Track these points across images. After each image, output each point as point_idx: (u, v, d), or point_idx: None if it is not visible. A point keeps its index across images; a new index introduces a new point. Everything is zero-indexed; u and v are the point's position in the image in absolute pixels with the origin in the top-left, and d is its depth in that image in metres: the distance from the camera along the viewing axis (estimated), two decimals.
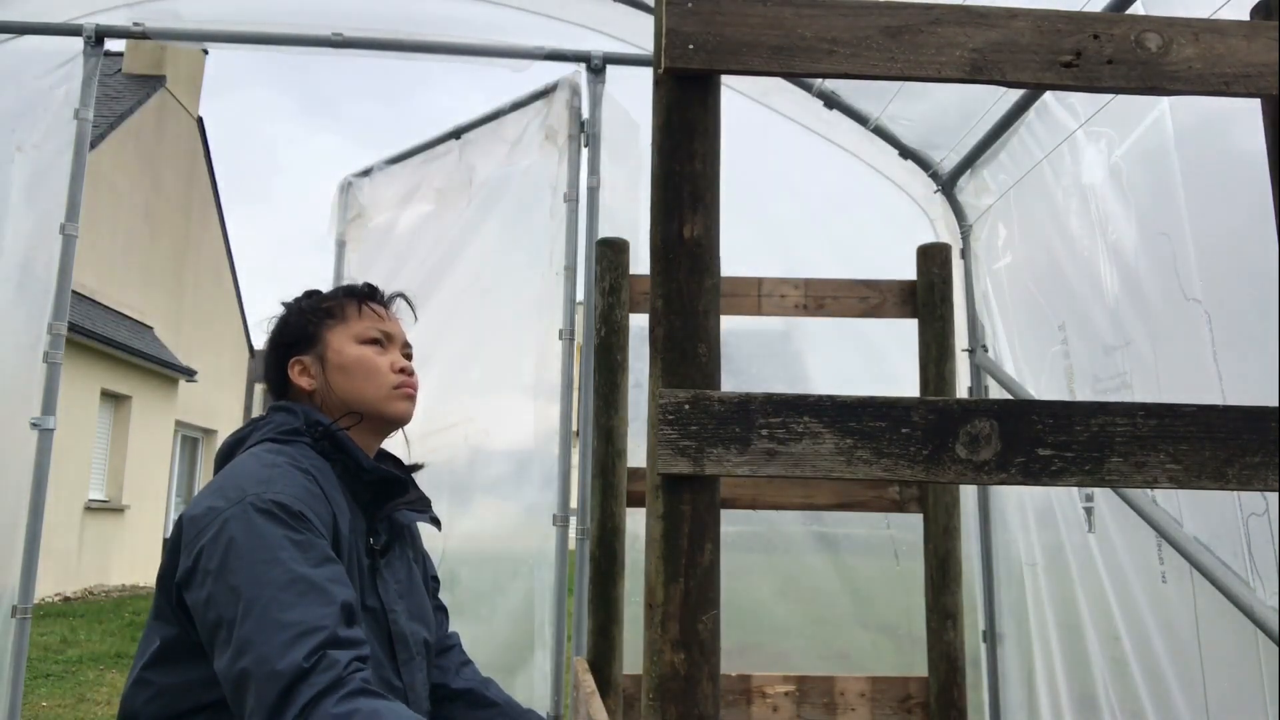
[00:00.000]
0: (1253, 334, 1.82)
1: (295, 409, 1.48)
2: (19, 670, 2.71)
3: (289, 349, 1.54)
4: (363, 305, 1.56)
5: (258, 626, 1.18)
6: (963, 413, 0.87)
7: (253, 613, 1.19)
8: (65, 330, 2.87)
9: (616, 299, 2.18)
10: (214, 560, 1.24)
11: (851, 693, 2.11)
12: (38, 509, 2.77)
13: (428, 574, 1.68)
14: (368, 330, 1.53)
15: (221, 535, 1.25)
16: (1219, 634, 2.05)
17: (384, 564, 1.48)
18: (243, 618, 1.19)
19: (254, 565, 1.22)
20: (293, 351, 1.53)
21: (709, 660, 0.86)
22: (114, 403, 12.63)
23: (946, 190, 3.31)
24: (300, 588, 1.21)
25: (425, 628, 1.53)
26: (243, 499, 1.27)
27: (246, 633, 1.18)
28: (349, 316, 1.54)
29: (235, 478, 1.33)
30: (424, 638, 1.52)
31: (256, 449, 1.41)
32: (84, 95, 2.96)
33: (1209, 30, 0.97)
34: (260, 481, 1.30)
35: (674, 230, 0.92)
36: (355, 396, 1.49)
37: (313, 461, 1.40)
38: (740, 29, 0.92)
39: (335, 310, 1.55)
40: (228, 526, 1.25)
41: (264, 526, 1.25)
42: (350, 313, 1.55)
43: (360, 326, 1.54)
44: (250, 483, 1.30)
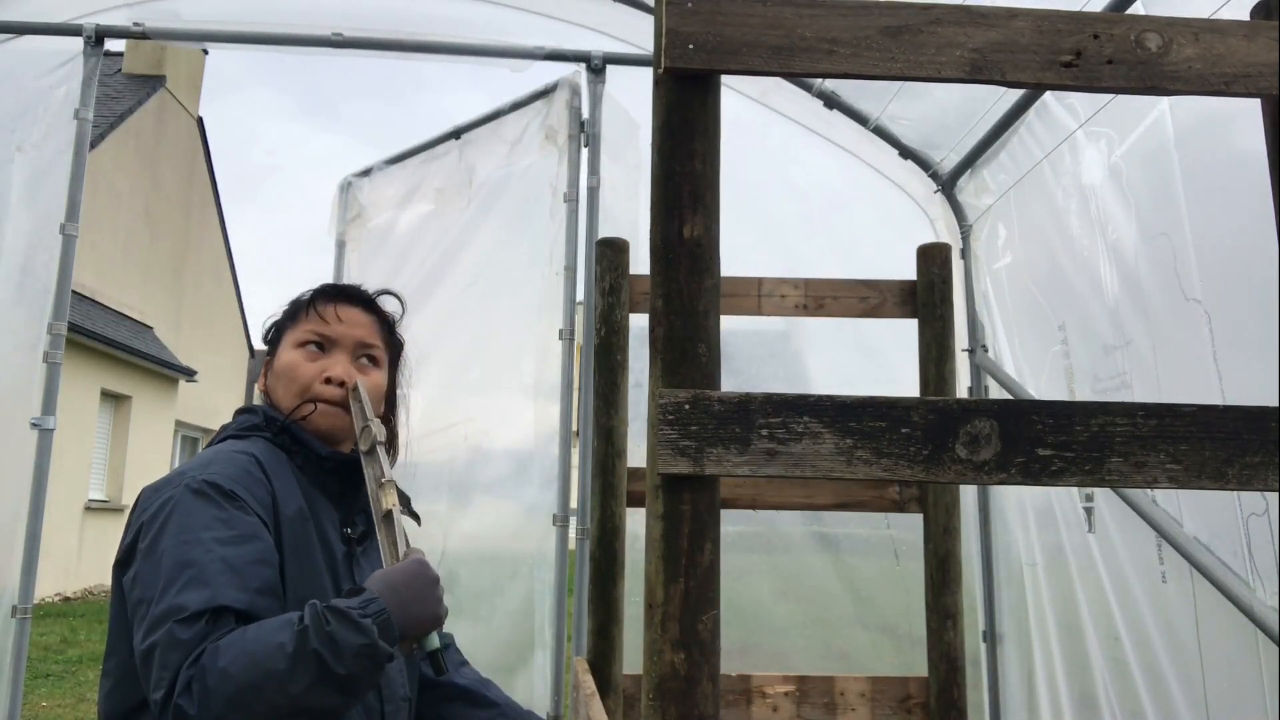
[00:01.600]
0: (1253, 334, 1.82)
1: (255, 408, 1.51)
2: (19, 670, 2.71)
3: (267, 352, 1.57)
4: (310, 308, 1.52)
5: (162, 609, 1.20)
6: (963, 413, 0.87)
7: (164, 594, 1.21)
8: (65, 330, 2.87)
9: (616, 299, 2.18)
10: (147, 538, 1.28)
11: (851, 693, 2.11)
12: (38, 509, 2.77)
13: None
14: (305, 334, 1.50)
15: (158, 515, 1.29)
16: (1219, 634, 2.05)
17: (360, 552, 1.49)
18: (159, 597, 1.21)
19: (179, 545, 1.25)
20: (267, 354, 1.56)
21: (709, 660, 0.86)
22: (114, 403, 12.63)
23: (946, 190, 3.31)
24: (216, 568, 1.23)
25: None
26: (181, 481, 1.32)
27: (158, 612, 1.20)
28: (298, 320, 1.53)
29: (185, 466, 1.38)
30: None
31: (216, 446, 1.44)
32: (84, 95, 2.96)
33: (1209, 30, 0.97)
34: (201, 465, 1.34)
35: (674, 230, 0.92)
36: (282, 404, 1.48)
37: (264, 452, 1.41)
38: (740, 29, 0.92)
39: (293, 312, 1.55)
40: (165, 507, 1.29)
41: (195, 505, 1.28)
42: (300, 316, 1.53)
43: (301, 330, 1.51)
44: (193, 468, 1.34)
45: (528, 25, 3.12)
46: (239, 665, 1.16)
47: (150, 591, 1.24)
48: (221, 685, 1.15)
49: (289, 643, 1.16)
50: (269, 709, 1.15)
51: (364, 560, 1.49)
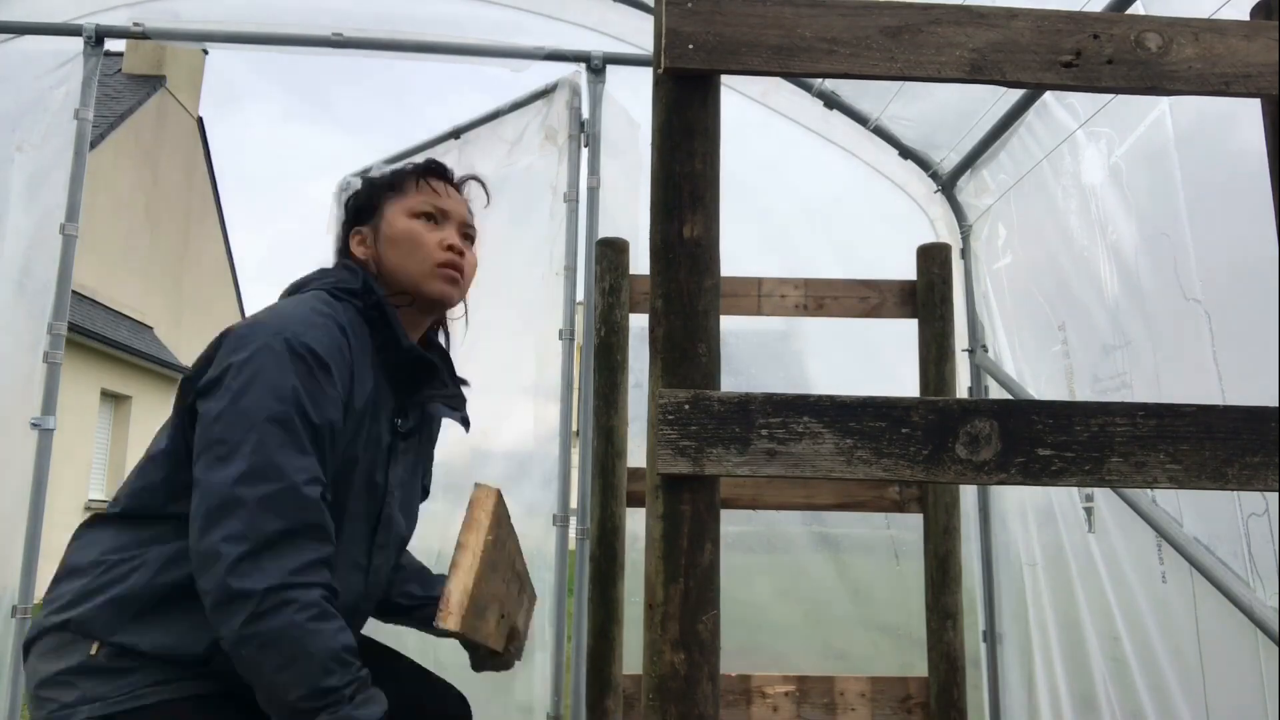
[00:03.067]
0: (1253, 334, 1.82)
1: (357, 271, 1.50)
2: (19, 670, 2.70)
3: (353, 220, 1.57)
4: (421, 180, 1.55)
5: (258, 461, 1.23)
6: (963, 413, 0.87)
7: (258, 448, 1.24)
8: (65, 330, 2.87)
9: (616, 299, 2.18)
10: (238, 380, 1.28)
11: (851, 693, 2.11)
12: (38, 509, 2.77)
13: (425, 480, 1.72)
14: (421, 204, 1.53)
15: (252, 360, 1.29)
16: (1219, 634, 2.05)
17: (401, 449, 1.51)
18: (242, 445, 1.24)
19: (268, 400, 1.26)
20: (356, 222, 1.56)
21: (709, 660, 0.86)
22: (114, 403, 12.63)
23: (946, 190, 3.31)
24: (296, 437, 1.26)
25: (409, 524, 1.58)
26: (282, 333, 1.32)
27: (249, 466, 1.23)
28: (407, 190, 1.55)
29: (284, 313, 1.37)
30: (404, 534, 1.57)
31: (310, 294, 1.44)
32: (84, 95, 2.96)
33: (1209, 30, 0.97)
34: (303, 324, 1.34)
35: (674, 230, 0.92)
36: (398, 269, 1.50)
37: (352, 323, 1.42)
38: (740, 29, 0.92)
39: (396, 183, 1.56)
40: (260, 354, 1.30)
41: (290, 366, 1.29)
42: (409, 186, 1.55)
43: (415, 200, 1.53)
44: (294, 322, 1.34)
45: (527, 25, 3.11)
46: (296, 638, 1.20)
47: (234, 436, 1.25)
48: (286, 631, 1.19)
49: (328, 677, 1.21)
50: (280, 676, 1.20)
51: (402, 457, 1.52)
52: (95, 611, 1.30)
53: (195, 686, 1.29)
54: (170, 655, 1.28)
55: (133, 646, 1.28)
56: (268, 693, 1.23)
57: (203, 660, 1.29)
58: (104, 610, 1.30)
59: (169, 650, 1.28)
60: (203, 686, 1.29)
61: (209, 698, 1.30)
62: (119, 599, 1.29)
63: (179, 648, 1.28)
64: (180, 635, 1.28)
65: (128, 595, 1.29)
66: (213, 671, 1.29)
